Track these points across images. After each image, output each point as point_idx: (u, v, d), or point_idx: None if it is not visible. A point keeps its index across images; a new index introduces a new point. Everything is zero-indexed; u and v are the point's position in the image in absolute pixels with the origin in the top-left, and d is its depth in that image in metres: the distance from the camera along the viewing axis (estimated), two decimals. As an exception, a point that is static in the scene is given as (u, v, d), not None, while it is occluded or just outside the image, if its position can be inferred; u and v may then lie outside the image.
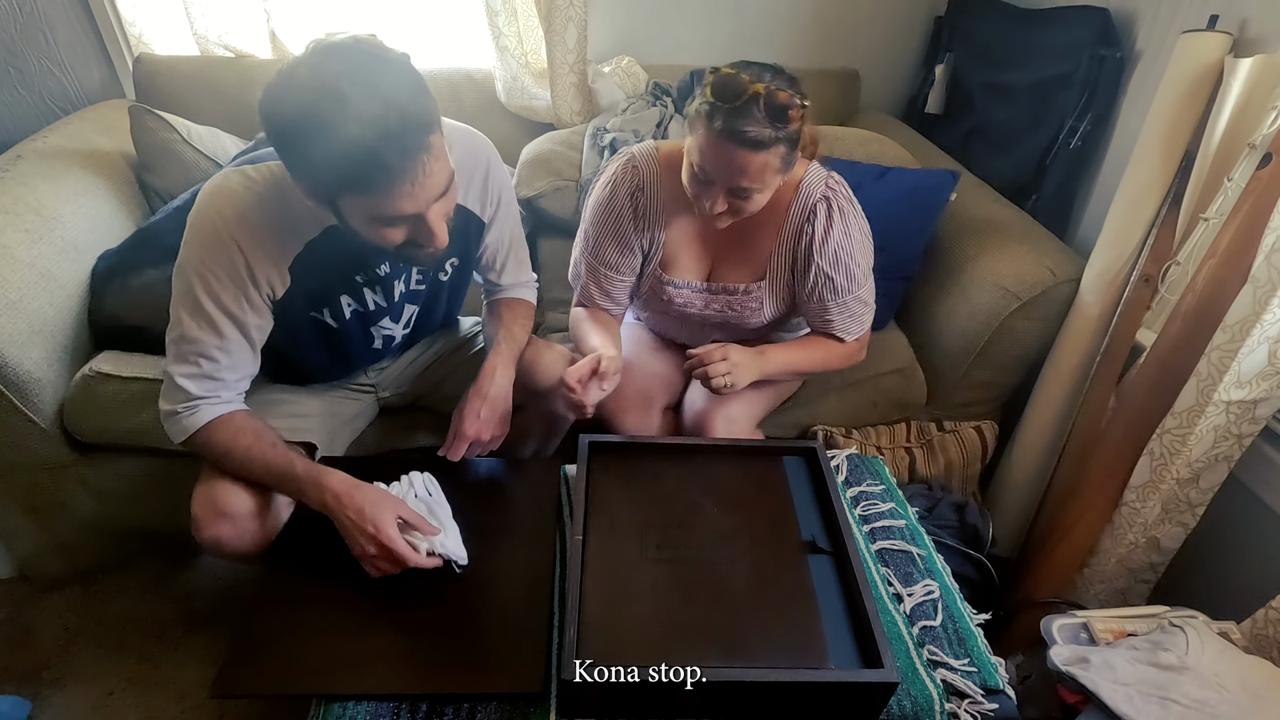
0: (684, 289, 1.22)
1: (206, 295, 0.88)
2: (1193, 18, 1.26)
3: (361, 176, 0.74)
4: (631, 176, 1.16)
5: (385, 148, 0.72)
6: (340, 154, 0.71)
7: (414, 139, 0.74)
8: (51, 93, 1.72)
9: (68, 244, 1.31)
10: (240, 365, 0.94)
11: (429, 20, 1.91)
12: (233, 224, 0.86)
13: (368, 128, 0.70)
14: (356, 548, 0.88)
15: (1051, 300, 1.35)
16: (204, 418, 0.92)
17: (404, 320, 1.11)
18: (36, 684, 1.28)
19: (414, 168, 0.75)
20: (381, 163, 0.73)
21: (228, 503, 0.93)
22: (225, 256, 0.87)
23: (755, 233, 1.17)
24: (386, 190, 0.76)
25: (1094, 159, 1.52)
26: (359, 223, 0.81)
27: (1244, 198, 1.07)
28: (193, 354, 0.91)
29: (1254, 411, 1.09)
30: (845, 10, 1.95)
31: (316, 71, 0.71)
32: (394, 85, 0.73)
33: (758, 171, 0.98)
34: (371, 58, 0.73)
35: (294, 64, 0.73)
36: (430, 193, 0.79)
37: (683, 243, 1.20)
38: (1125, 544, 1.23)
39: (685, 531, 0.93)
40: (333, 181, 0.76)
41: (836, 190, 1.13)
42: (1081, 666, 0.93)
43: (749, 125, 0.93)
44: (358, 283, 0.99)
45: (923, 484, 1.43)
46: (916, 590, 0.96)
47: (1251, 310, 1.02)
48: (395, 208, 0.78)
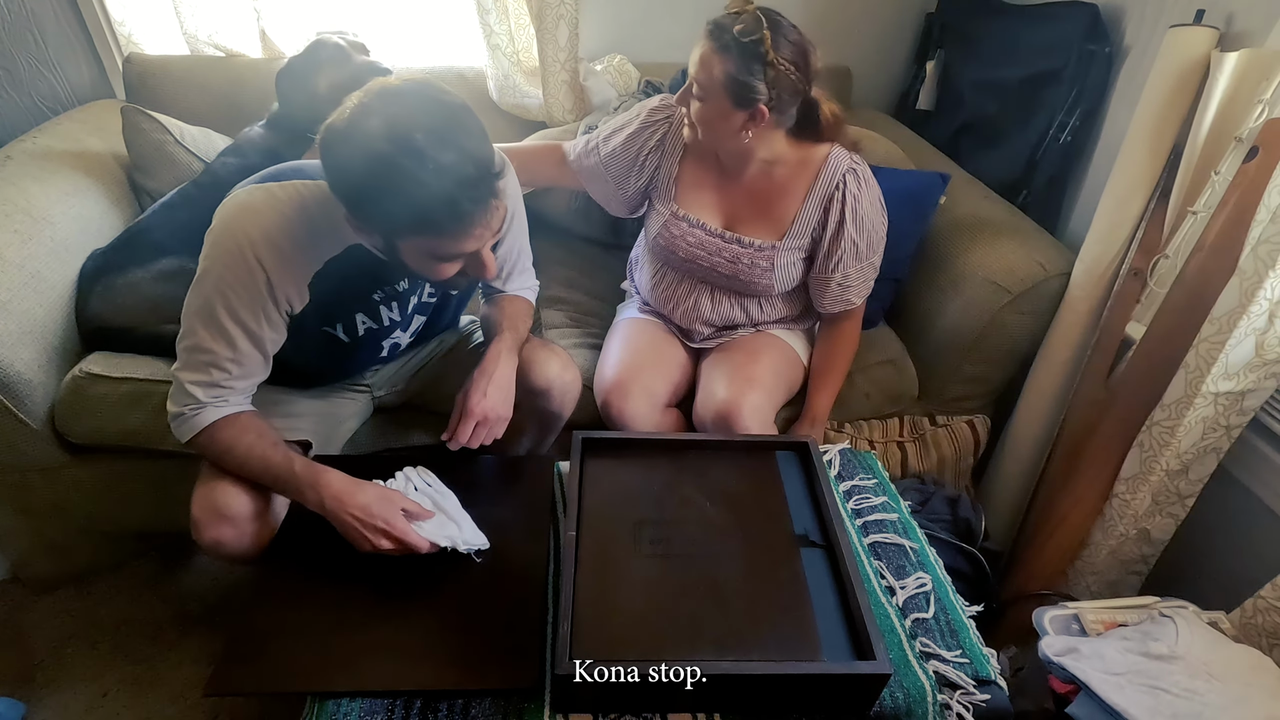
0: (697, 229, 1.26)
1: (225, 311, 0.88)
2: (1179, 12, 1.27)
3: (437, 222, 0.77)
4: (663, 109, 1.27)
5: (463, 196, 0.75)
6: (418, 203, 0.74)
7: (488, 185, 0.78)
8: (41, 93, 1.71)
9: (58, 245, 1.30)
10: (251, 374, 0.94)
11: (420, 19, 1.91)
12: (259, 244, 0.86)
13: (446, 177, 0.73)
14: (365, 545, 0.88)
15: (1042, 294, 1.35)
16: (209, 418, 0.92)
17: (412, 329, 1.12)
18: (30, 686, 1.28)
19: (485, 213, 0.79)
20: (458, 211, 0.76)
21: (228, 505, 0.93)
22: (248, 276, 0.87)
23: (778, 194, 1.23)
24: (456, 234, 0.79)
25: (1083, 154, 1.53)
26: (414, 258, 0.83)
27: (1231, 191, 1.08)
28: (204, 363, 0.91)
29: (1242, 403, 1.10)
30: (836, 7, 1.95)
31: (390, 122, 0.73)
32: (465, 132, 0.76)
33: (707, 68, 1.07)
34: (440, 105, 0.76)
35: (361, 111, 0.74)
36: (495, 231, 0.83)
37: (698, 186, 1.27)
38: (1116, 536, 1.24)
39: (678, 527, 0.93)
40: (404, 227, 0.79)
41: (861, 163, 1.23)
42: (1072, 657, 0.94)
43: (721, 22, 1.06)
44: (375, 300, 1.00)
45: (915, 478, 1.43)
46: (909, 583, 0.96)
47: (1238, 302, 1.03)
48: (460, 247, 0.81)
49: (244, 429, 0.93)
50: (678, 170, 1.26)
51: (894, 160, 1.59)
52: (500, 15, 1.70)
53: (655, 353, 1.32)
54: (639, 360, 1.28)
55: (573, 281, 1.63)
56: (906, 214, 1.40)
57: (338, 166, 0.77)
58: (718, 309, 1.33)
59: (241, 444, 0.92)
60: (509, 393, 1.05)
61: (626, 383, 1.22)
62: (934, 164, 1.71)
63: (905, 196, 1.42)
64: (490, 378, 1.03)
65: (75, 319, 1.30)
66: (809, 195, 1.22)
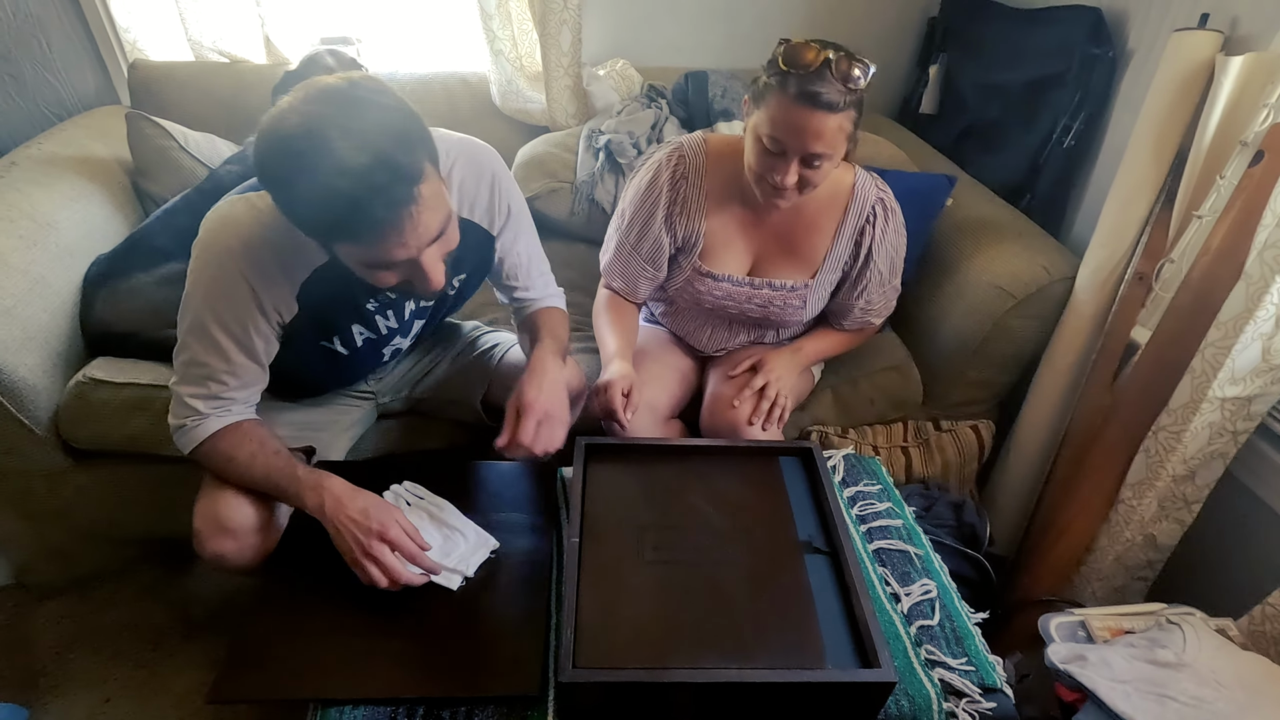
0: (724, 282, 1.22)
1: (215, 324, 0.88)
2: (1184, 16, 1.26)
3: (348, 227, 0.73)
4: (677, 163, 1.18)
5: (371, 201, 0.71)
6: (327, 204, 0.71)
7: (401, 192, 0.72)
8: (46, 99, 1.72)
9: (62, 250, 1.31)
10: (249, 384, 0.94)
11: (423, 24, 1.91)
12: (239, 256, 0.85)
13: (355, 181, 0.69)
14: (357, 549, 0.86)
15: (1047, 299, 1.35)
16: (211, 428, 0.92)
17: (412, 334, 1.11)
18: (33, 691, 1.28)
19: (401, 220, 0.74)
20: (368, 216, 0.72)
21: (230, 518, 0.93)
22: (233, 288, 0.86)
23: (806, 231, 1.19)
24: (373, 241, 0.75)
25: (1087, 158, 1.53)
26: (353, 264, 0.80)
27: (1236, 195, 1.07)
28: (201, 377, 0.91)
29: (1249, 408, 1.09)
30: (838, 11, 1.95)
31: (307, 118, 0.70)
32: (384, 135, 0.71)
33: (832, 135, 1.00)
34: (364, 105, 0.72)
35: (286, 107, 0.71)
36: (422, 239, 0.77)
37: (726, 235, 1.21)
38: (1122, 541, 1.24)
39: (681, 533, 0.93)
40: (321, 228, 0.76)
41: (886, 190, 1.20)
42: (1079, 664, 0.93)
43: (823, 88, 0.96)
44: (369, 310, 0.99)
45: (920, 483, 1.43)
46: (914, 590, 0.96)
47: (1244, 307, 1.02)
48: (386, 255, 0.77)
49: (245, 437, 0.93)
50: (706, 225, 1.20)
51: (897, 164, 1.59)
52: (503, 20, 1.70)
53: (659, 364, 1.31)
54: (641, 375, 1.25)
55: (575, 284, 1.62)
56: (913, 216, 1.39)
57: (259, 158, 0.73)
58: (734, 339, 1.32)
59: (243, 452, 0.92)
60: (563, 394, 1.01)
61: None
62: (937, 168, 1.70)
63: (911, 198, 1.41)
64: (543, 376, 0.99)
65: (79, 324, 1.30)
66: (840, 231, 1.19)
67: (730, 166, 1.14)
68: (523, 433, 0.94)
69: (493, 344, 1.23)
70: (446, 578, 0.90)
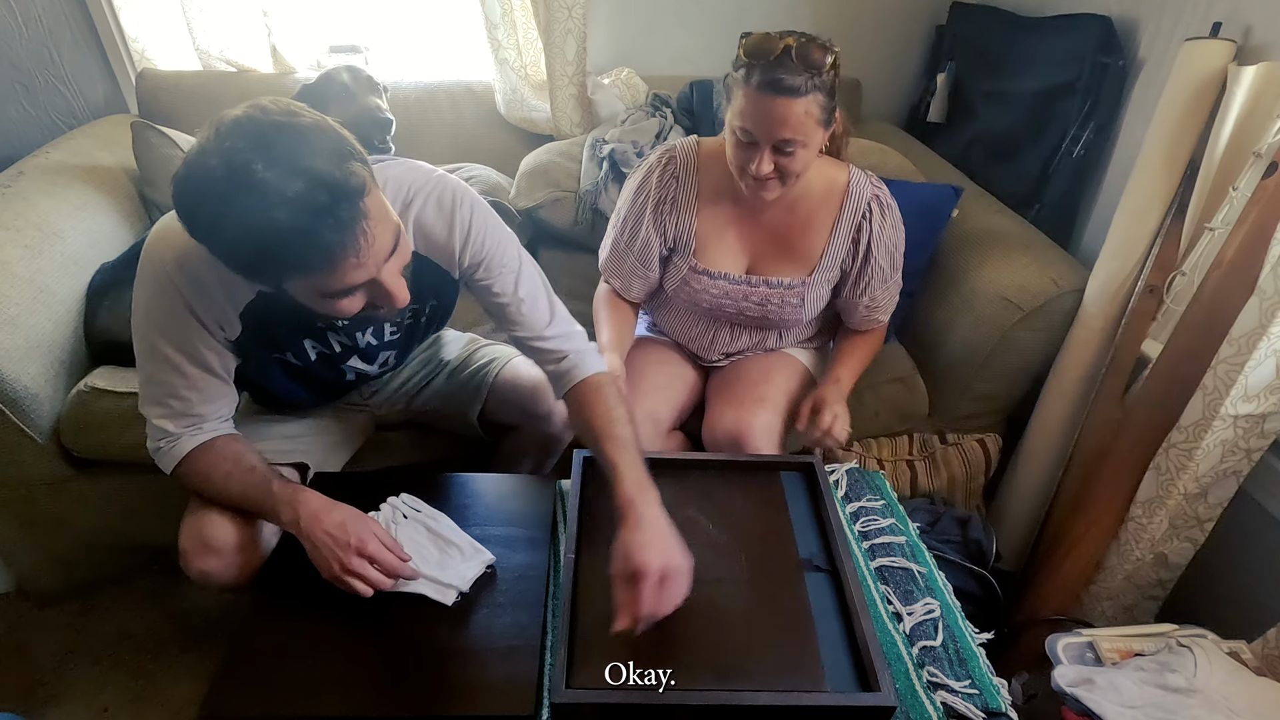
0: (720, 280, 1.22)
1: (162, 340, 0.85)
2: (1195, 25, 1.25)
3: (300, 261, 0.67)
4: (668, 163, 1.20)
5: (318, 226, 0.65)
6: (272, 242, 0.65)
7: (348, 209, 0.66)
8: (57, 108, 1.74)
9: (68, 259, 1.31)
10: (213, 397, 0.91)
11: (429, 33, 1.92)
12: (173, 271, 0.81)
13: (295, 210, 0.64)
14: (336, 565, 0.84)
15: (1055, 311, 1.33)
16: (185, 448, 0.90)
17: (379, 361, 1.06)
18: (31, 700, 1.28)
19: (354, 239, 0.68)
20: (319, 243, 0.66)
21: (213, 536, 0.92)
22: (169, 303, 0.83)
23: (802, 228, 1.20)
24: (328, 268, 0.69)
25: (1097, 168, 1.51)
26: (309, 299, 0.74)
27: (1249, 207, 1.05)
28: (161, 395, 0.88)
29: (1262, 426, 1.07)
30: (846, 19, 1.94)
31: (226, 158, 0.63)
32: (313, 156, 0.65)
33: (799, 121, 1.00)
34: (280, 130, 0.65)
35: (199, 152, 0.66)
36: (378, 256, 0.72)
37: (719, 234, 1.21)
38: (1132, 560, 1.21)
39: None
40: (271, 270, 0.70)
41: (881, 187, 1.20)
42: (1087, 688, 0.91)
43: (784, 74, 0.97)
44: (319, 328, 0.95)
45: (925, 498, 1.41)
46: (916, 609, 0.94)
47: (1258, 322, 1.00)
48: (343, 281, 0.71)
49: (219, 456, 0.91)
50: (697, 224, 1.20)
51: (905, 173, 1.57)
52: (508, 29, 1.70)
53: (661, 375, 1.30)
54: (643, 385, 1.26)
55: (576, 292, 1.62)
56: (919, 227, 1.38)
57: (186, 213, 0.67)
58: (736, 342, 1.31)
59: (219, 470, 0.90)
60: (672, 537, 0.81)
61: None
62: (945, 177, 1.69)
63: (917, 209, 1.40)
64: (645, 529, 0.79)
65: (83, 333, 1.31)
66: (836, 228, 1.18)
67: (723, 166, 1.14)
68: (645, 605, 0.75)
69: (489, 358, 1.22)
70: (441, 592, 0.89)
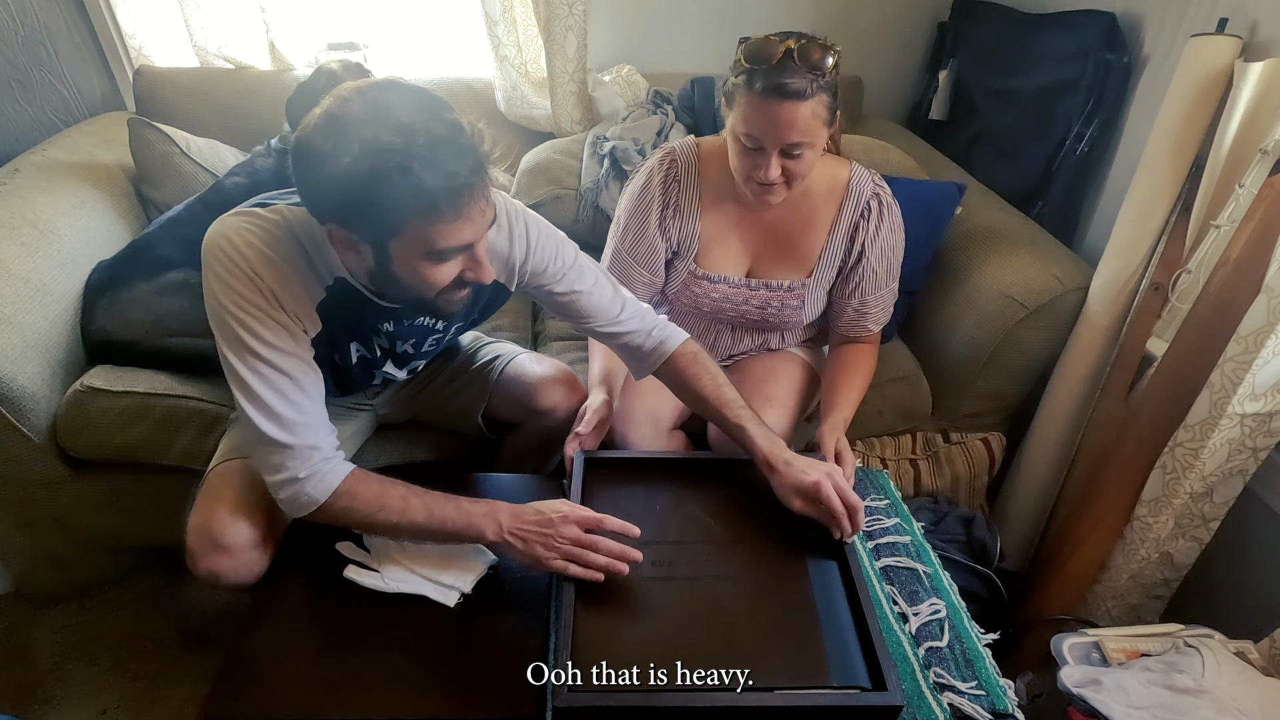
0: (720, 284, 1.20)
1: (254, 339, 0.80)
2: (1201, 21, 1.24)
3: (436, 201, 0.71)
4: (668, 166, 1.18)
5: (459, 166, 0.71)
6: (418, 182, 0.69)
7: (482, 164, 0.74)
8: (54, 105, 1.72)
9: (64, 257, 1.30)
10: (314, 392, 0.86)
11: (428, 30, 1.91)
12: (254, 261, 0.80)
13: (439, 147, 0.70)
14: (558, 547, 0.84)
15: (1059, 309, 1.32)
16: (342, 471, 0.85)
17: (408, 368, 1.09)
18: (30, 703, 1.27)
19: (484, 189, 0.75)
20: (456, 183, 0.71)
21: (224, 534, 0.89)
22: (253, 290, 0.80)
23: (803, 228, 1.17)
24: (455, 212, 0.73)
25: (1101, 165, 1.50)
26: (411, 260, 0.76)
27: (1256, 205, 1.05)
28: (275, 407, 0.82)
29: (1269, 425, 1.06)
30: (847, 17, 1.93)
31: (371, 106, 0.70)
32: (443, 105, 0.73)
33: (805, 123, 0.99)
34: (410, 87, 0.73)
35: (335, 109, 0.70)
36: (486, 222, 0.78)
37: (721, 237, 1.19)
38: (1137, 559, 1.20)
39: (682, 549, 0.91)
40: (405, 213, 0.72)
41: (883, 186, 1.17)
42: (1093, 689, 0.90)
43: (788, 78, 0.96)
44: (368, 329, 0.96)
45: (929, 497, 1.40)
46: (922, 609, 0.93)
47: (1266, 321, 0.99)
48: (458, 235, 0.75)
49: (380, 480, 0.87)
50: (700, 227, 1.18)
51: (907, 171, 1.56)
52: (508, 26, 1.69)
53: None
54: (644, 384, 1.24)
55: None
56: (921, 225, 1.37)
57: (321, 168, 0.70)
58: (738, 344, 1.30)
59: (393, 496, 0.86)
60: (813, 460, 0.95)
61: (630, 407, 1.19)
62: (947, 174, 1.68)
63: (920, 207, 1.39)
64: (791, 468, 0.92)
65: (80, 332, 1.30)
66: (835, 227, 1.16)
67: (723, 167, 1.13)
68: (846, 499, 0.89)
69: (493, 356, 1.21)
70: (443, 594, 0.88)
